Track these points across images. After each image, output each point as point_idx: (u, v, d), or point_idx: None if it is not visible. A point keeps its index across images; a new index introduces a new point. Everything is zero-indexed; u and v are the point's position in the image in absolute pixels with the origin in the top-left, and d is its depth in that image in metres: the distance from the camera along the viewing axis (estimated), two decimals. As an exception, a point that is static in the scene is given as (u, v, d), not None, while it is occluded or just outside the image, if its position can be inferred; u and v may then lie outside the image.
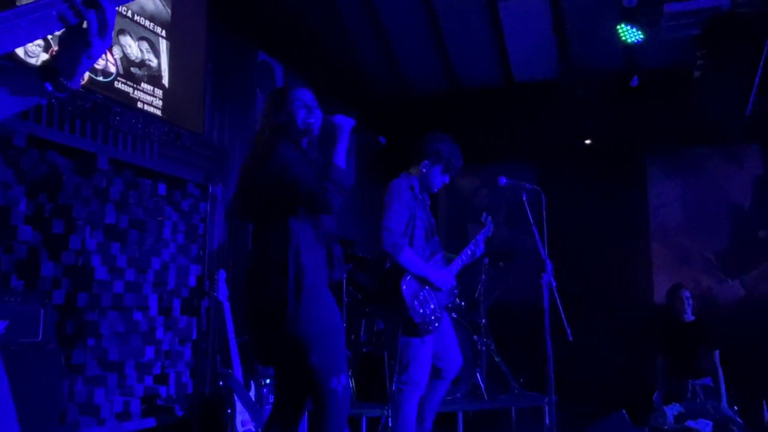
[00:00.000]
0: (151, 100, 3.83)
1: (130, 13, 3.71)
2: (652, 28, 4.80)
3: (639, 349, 5.48)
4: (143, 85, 3.78)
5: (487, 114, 6.70)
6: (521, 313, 5.90)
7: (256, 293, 2.35)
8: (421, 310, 3.11)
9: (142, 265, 3.78)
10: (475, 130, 6.31)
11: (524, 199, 3.51)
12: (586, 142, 6.64)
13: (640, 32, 4.93)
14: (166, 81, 3.97)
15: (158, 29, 3.93)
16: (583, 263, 6.16)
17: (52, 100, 1.32)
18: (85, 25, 1.15)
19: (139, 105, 3.74)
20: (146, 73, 3.81)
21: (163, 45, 3.97)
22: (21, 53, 2.99)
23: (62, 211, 3.29)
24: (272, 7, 5.11)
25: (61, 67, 1.19)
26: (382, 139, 2.47)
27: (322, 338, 2.27)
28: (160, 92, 3.91)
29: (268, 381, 3.82)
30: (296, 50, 5.58)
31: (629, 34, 4.96)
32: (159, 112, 3.89)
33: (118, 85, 3.60)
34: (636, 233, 6.43)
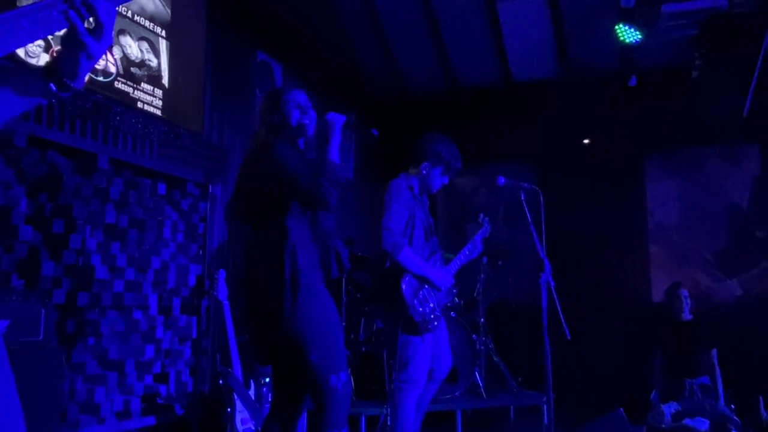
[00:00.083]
0: (151, 100, 3.84)
1: (130, 14, 3.72)
2: (650, 28, 4.82)
3: (637, 348, 5.49)
4: (143, 85, 3.79)
5: (486, 114, 6.71)
6: (520, 312, 5.94)
7: (253, 293, 2.37)
8: (421, 309, 3.13)
9: (142, 265, 3.80)
10: (474, 130, 6.33)
11: (522, 198, 3.52)
12: (585, 142, 6.66)
13: (638, 32, 4.95)
14: (165, 81, 3.98)
15: (158, 29, 3.94)
16: (582, 262, 6.17)
17: (53, 100, 1.32)
18: (86, 25, 1.16)
19: (139, 105, 3.75)
20: (146, 73, 3.82)
21: (163, 45, 3.98)
22: (21, 53, 3.00)
23: (62, 211, 3.30)
24: (272, 8, 5.12)
25: (63, 67, 1.20)
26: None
27: (319, 337, 2.29)
28: (160, 92, 3.92)
29: (268, 380, 3.84)
30: (295, 50, 5.59)
31: (627, 34, 4.98)
32: (159, 112, 3.90)
33: (118, 85, 3.61)
34: (634, 233, 6.45)
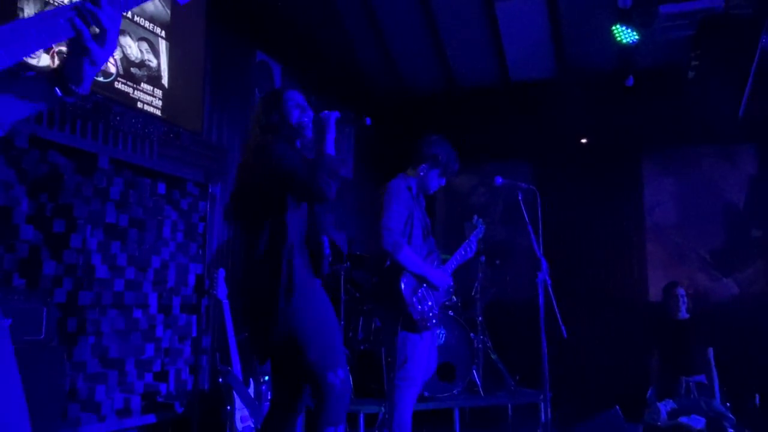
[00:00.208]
0: (150, 100, 3.86)
1: (129, 14, 3.74)
2: (647, 28, 4.84)
3: (633, 347, 5.53)
4: (143, 85, 3.81)
5: (484, 113, 6.73)
6: (517, 311, 5.95)
7: (250, 293, 2.41)
8: (420, 307, 3.16)
9: (142, 264, 3.82)
10: (472, 129, 6.35)
11: (520, 198, 3.55)
12: (582, 142, 6.68)
13: (635, 33, 4.97)
14: (165, 81, 4.00)
15: (158, 30, 3.96)
16: (579, 262, 6.20)
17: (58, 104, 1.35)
18: (91, 32, 1.19)
19: (139, 105, 3.77)
20: (146, 74, 3.84)
21: (163, 45, 4.00)
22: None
23: (63, 211, 3.32)
24: (271, 8, 5.14)
25: (68, 73, 1.23)
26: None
27: (315, 335, 2.32)
28: (159, 92, 3.94)
29: (267, 378, 3.86)
30: (294, 50, 5.61)
31: (624, 34, 5.00)
32: (159, 112, 3.92)
33: (118, 85, 3.63)
34: (631, 232, 6.47)
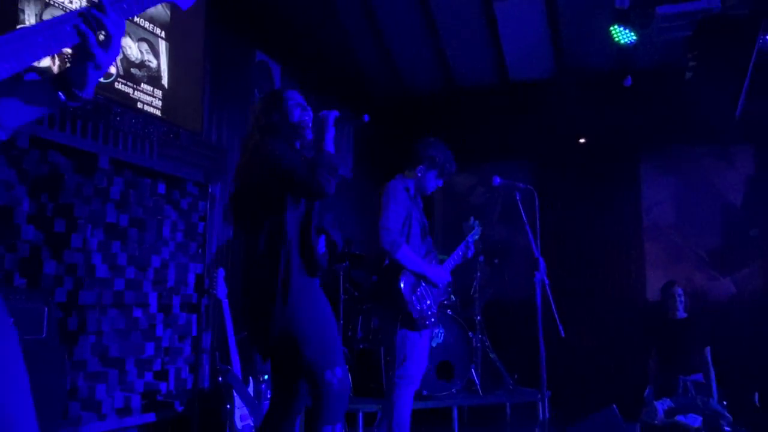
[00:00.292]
0: (150, 101, 3.88)
1: (130, 15, 3.75)
2: (645, 29, 4.85)
3: (631, 346, 5.55)
4: (143, 85, 3.83)
5: (482, 113, 6.74)
6: (515, 310, 5.97)
7: (248, 293, 2.43)
8: (419, 306, 3.19)
9: (143, 263, 3.84)
10: (471, 129, 6.38)
11: (518, 198, 3.57)
12: (581, 142, 6.70)
13: (633, 33, 4.99)
14: (165, 81, 4.01)
15: (158, 30, 3.97)
16: (577, 261, 6.22)
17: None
18: (97, 38, 1.20)
19: (139, 105, 3.79)
20: (146, 74, 3.86)
21: (163, 46, 4.01)
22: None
23: (64, 211, 3.34)
24: (270, 8, 5.15)
25: (73, 77, 1.25)
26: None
27: (313, 334, 2.35)
28: (159, 93, 3.95)
29: (266, 377, 3.88)
30: (294, 50, 5.62)
31: (622, 35, 5.02)
32: (158, 113, 3.93)
33: (118, 85, 3.64)
34: (629, 231, 6.50)
